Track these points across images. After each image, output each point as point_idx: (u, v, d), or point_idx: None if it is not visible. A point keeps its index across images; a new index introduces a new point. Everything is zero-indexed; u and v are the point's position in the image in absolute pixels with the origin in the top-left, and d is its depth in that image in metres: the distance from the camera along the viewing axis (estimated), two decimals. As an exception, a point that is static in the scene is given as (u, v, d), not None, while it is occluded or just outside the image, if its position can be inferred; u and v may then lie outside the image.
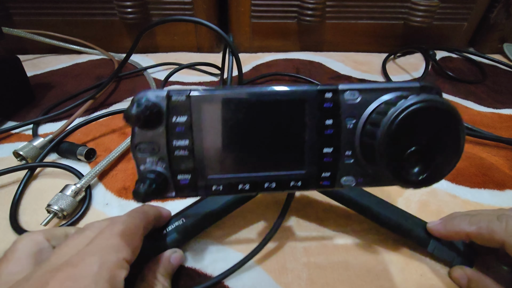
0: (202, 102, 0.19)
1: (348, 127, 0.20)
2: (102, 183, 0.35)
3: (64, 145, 0.38)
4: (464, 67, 0.64)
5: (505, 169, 0.37)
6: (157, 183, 0.19)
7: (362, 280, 0.26)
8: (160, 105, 0.19)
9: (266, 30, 0.66)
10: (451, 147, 0.18)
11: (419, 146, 0.17)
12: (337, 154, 0.20)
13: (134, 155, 0.20)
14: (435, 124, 0.17)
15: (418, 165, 0.18)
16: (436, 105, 0.17)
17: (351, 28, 0.67)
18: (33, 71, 0.59)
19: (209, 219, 0.27)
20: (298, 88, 0.19)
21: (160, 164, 0.20)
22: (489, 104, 0.51)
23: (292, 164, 0.20)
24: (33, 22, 0.61)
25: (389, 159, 0.17)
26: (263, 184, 0.21)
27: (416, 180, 0.18)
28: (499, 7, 0.65)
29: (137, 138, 0.19)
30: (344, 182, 0.21)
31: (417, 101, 0.16)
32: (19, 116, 0.46)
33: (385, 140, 0.17)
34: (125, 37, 0.65)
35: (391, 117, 0.17)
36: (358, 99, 0.19)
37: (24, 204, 0.32)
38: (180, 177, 0.20)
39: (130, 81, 0.57)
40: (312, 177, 0.21)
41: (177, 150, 0.19)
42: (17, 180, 0.35)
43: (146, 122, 0.18)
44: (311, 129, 0.20)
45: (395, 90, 0.19)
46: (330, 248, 0.28)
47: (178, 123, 0.19)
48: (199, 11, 0.62)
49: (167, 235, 0.26)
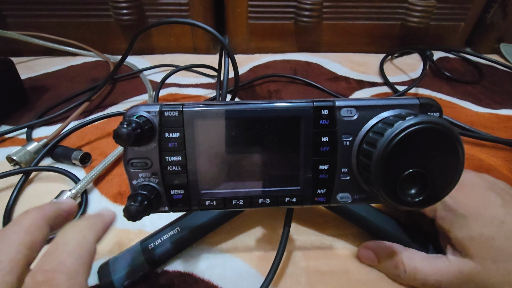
0: (195, 118, 0.19)
1: (345, 144, 0.19)
2: (97, 188, 0.34)
3: (58, 150, 0.37)
4: (461, 67, 0.64)
5: (503, 170, 0.37)
6: (149, 199, 0.18)
7: (362, 285, 0.26)
8: (152, 121, 0.18)
9: (263, 31, 0.66)
10: (450, 168, 0.17)
11: (416, 168, 0.17)
12: (333, 171, 0.20)
13: (127, 170, 0.19)
14: (433, 146, 0.17)
15: (415, 187, 0.17)
16: (435, 127, 0.16)
17: (348, 28, 0.66)
18: (27, 73, 0.58)
19: (203, 230, 0.27)
20: (293, 105, 0.19)
21: (153, 180, 0.20)
22: (487, 104, 0.52)
23: (287, 180, 0.20)
24: (26, 24, 0.61)
25: (384, 182, 0.17)
26: (258, 200, 0.20)
27: (413, 202, 0.17)
28: (495, 7, 0.65)
29: (129, 154, 0.19)
30: (340, 198, 0.21)
31: (415, 123, 0.16)
32: (13, 120, 0.45)
33: (381, 163, 0.16)
34: (121, 39, 0.64)
35: (387, 138, 0.16)
36: (355, 116, 0.19)
37: (18, 210, 0.32)
38: (173, 192, 0.20)
39: (126, 83, 0.57)
40: (308, 193, 0.21)
41: (170, 165, 0.19)
42: (11, 185, 0.34)
43: (137, 140, 0.17)
44: (307, 146, 0.19)
45: (393, 108, 0.19)
46: (329, 252, 0.28)
47: (170, 139, 0.19)
48: (195, 12, 0.62)
49: (161, 245, 0.25)
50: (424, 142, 0.16)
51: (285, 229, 0.24)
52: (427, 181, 0.17)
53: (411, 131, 0.16)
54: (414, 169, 0.17)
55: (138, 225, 0.30)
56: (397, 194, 0.17)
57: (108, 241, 0.29)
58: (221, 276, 0.26)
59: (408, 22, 0.64)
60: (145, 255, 0.25)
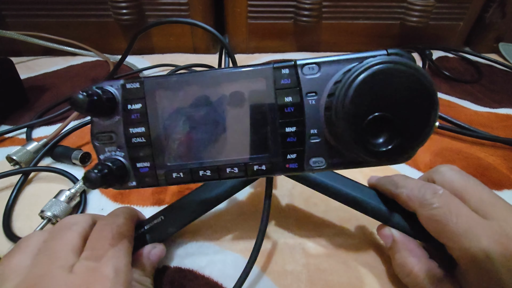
0: (156, 88, 0.19)
1: (311, 103, 0.18)
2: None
3: (58, 149, 0.37)
4: (460, 67, 0.65)
5: (502, 169, 0.37)
6: (111, 169, 0.19)
7: (362, 282, 0.26)
8: (115, 94, 0.19)
9: (262, 31, 0.66)
10: (422, 114, 0.16)
11: (383, 113, 0.15)
12: (302, 134, 0.19)
13: (93, 144, 0.20)
14: (399, 89, 0.15)
15: (383, 135, 0.16)
16: (398, 67, 0.15)
17: (347, 28, 0.67)
18: (27, 73, 0.58)
19: (192, 213, 0.26)
20: (253, 68, 0.19)
21: (119, 153, 0.20)
22: (486, 103, 0.52)
23: (254, 147, 0.19)
24: (26, 23, 0.61)
25: (349, 130, 0.16)
26: (225, 169, 0.20)
27: (381, 152, 0.16)
28: (494, 6, 0.65)
29: (95, 128, 0.20)
30: (313, 164, 0.19)
31: (375, 63, 0.15)
32: (12, 119, 0.45)
33: (342, 110, 0.15)
34: (120, 39, 0.64)
35: (345, 83, 0.15)
36: (318, 73, 0.18)
37: (18, 209, 0.32)
38: (139, 165, 0.20)
39: (125, 83, 0.56)
40: (278, 160, 0.19)
41: (134, 137, 0.19)
42: (11, 185, 0.34)
43: (96, 109, 0.18)
44: (271, 108, 0.19)
45: (357, 60, 0.17)
46: (329, 248, 0.28)
47: (133, 110, 0.19)
48: (195, 12, 0.62)
49: (149, 231, 0.25)
50: (387, 84, 0.15)
51: (266, 202, 0.24)
52: (395, 128, 0.16)
53: (371, 71, 0.15)
54: (378, 113, 0.15)
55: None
56: (364, 143, 0.16)
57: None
58: (221, 272, 0.26)
59: (407, 21, 0.64)
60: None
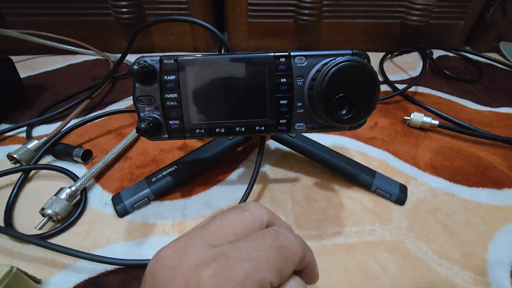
0: (187, 65, 0.24)
1: (298, 84, 0.25)
2: (99, 183, 0.35)
3: (59, 147, 0.38)
4: (461, 66, 0.64)
5: (503, 168, 0.38)
6: (153, 123, 0.25)
7: (361, 281, 0.26)
8: (154, 66, 0.24)
9: (263, 30, 0.66)
10: (369, 95, 0.23)
11: (345, 93, 0.23)
12: (291, 105, 0.26)
13: (135, 105, 0.25)
14: (356, 78, 0.23)
15: (345, 108, 0.24)
16: (355, 64, 0.23)
17: (348, 27, 0.66)
18: (27, 72, 0.58)
19: (196, 167, 0.34)
20: (259, 55, 0.25)
21: (155, 112, 0.25)
22: (486, 102, 0.52)
23: (257, 113, 0.26)
24: (26, 22, 0.60)
25: (323, 104, 0.23)
26: (235, 129, 0.26)
27: (343, 119, 0.24)
28: (495, 5, 0.65)
29: (138, 92, 0.25)
30: (297, 127, 0.26)
31: (342, 61, 0.23)
32: (13, 118, 0.45)
33: (320, 90, 0.23)
34: (120, 37, 0.64)
35: (323, 72, 0.23)
36: (305, 62, 0.25)
37: (19, 207, 0.32)
38: (171, 122, 0.26)
39: (126, 81, 0.56)
40: (273, 123, 0.26)
41: (168, 101, 0.25)
42: (12, 183, 0.34)
43: (143, 77, 0.23)
44: (270, 86, 0.25)
45: (332, 56, 0.24)
46: (328, 248, 0.28)
47: (168, 80, 0.25)
48: (195, 11, 0.62)
49: (161, 178, 0.32)
50: (349, 74, 0.23)
51: (258, 158, 0.31)
52: (353, 104, 0.23)
53: (339, 66, 0.23)
54: (343, 94, 0.23)
55: (142, 217, 0.31)
56: (333, 114, 0.23)
57: (117, 229, 0.30)
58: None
59: (408, 20, 0.64)
60: (149, 185, 0.32)
